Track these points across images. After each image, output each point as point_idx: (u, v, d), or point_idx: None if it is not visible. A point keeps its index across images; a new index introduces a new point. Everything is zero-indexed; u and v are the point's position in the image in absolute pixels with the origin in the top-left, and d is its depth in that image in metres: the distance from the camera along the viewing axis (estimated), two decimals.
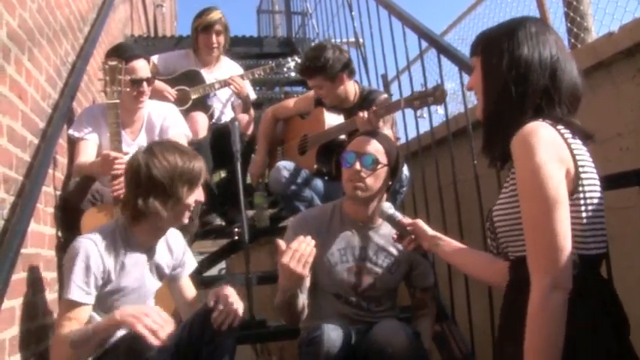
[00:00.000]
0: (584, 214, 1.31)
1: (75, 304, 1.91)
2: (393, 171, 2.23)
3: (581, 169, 1.31)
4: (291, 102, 3.33)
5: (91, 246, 1.97)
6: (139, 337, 1.73)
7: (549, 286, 1.22)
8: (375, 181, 2.18)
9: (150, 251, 2.14)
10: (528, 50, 1.37)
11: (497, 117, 1.39)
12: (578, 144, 1.34)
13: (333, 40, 4.55)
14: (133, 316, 1.77)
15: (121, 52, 2.83)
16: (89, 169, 2.65)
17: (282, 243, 1.93)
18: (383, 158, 2.19)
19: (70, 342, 1.85)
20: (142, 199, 1.98)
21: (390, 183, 2.25)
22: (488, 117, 1.43)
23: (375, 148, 2.19)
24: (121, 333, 1.91)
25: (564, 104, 1.37)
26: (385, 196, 2.26)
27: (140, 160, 2.00)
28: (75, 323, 1.89)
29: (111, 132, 2.56)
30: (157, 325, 1.76)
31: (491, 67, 1.42)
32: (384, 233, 2.25)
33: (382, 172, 2.19)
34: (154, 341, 1.73)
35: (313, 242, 1.90)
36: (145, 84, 2.83)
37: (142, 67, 2.85)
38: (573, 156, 1.31)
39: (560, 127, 1.33)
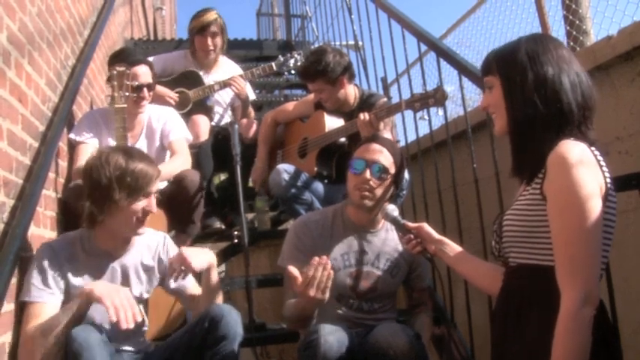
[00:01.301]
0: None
1: (32, 305, 1.88)
2: (397, 178, 2.25)
3: (610, 191, 1.34)
4: (290, 105, 3.33)
5: (46, 250, 1.98)
6: None
7: (582, 301, 1.25)
8: (382, 190, 2.18)
9: (116, 256, 2.07)
10: (554, 70, 1.39)
11: (529, 136, 1.40)
12: (604, 164, 1.36)
13: (332, 43, 4.56)
14: (103, 292, 1.78)
15: (124, 57, 2.84)
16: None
17: (294, 271, 1.90)
18: (392, 168, 2.20)
19: (41, 330, 1.81)
20: (85, 203, 1.98)
21: (393, 189, 2.26)
22: (517, 136, 1.44)
23: (385, 157, 2.19)
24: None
25: (590, 118, 1.40)
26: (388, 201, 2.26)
27: (89, 162, 1.98)
28: (39, 321, 1.85)
29: (117, 136, 2.58)
30: (125, 306, 1.75)
31: (515, 86, 1.43)
32: (384, 237, 2.26)
33: (389, 181, 2.20)
34: (114, 317, 1.72)
35: (330, 264, 1.87)
36: (145, 90, 2.84)
37: (143, 73, 2.85)
38: (604, 177, 1.33)
39: (592, 148, 1.35)
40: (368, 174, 2.16)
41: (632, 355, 2.16)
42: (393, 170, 2.20)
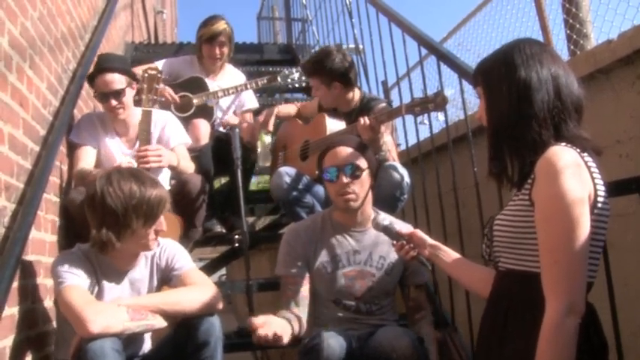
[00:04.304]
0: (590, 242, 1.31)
1: (71, 287, 1.90)
2: (372, 169, 2.27)
3: (599, 198, 1.32)
4: (296, 104, 3.37)
5: (75, 253, 2.01)
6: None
7: (566, 310, 1.24)
8: (362, 187, 2.22)
9: (126, 275, 2.08)
10: (525, 72, 1.38)
11: (509, 142, 1.40)
12: (597, 171, 1.35)
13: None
14: None
15: (95, 65, 2.82)
16: (95, 178, 2.64)
17: (255, 322, 1.91)
18: (363, 162, 2.23)
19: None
20: (97, 229, 1.95)
21: (372, 181, 2.28)
22: (496, 143, 1.44)
23: (353, 155, 2.23)
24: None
25: (573, 118, 1.39)
26: (370, 194, 2.27)
27: (97, 187, 1.95)
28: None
29: (140, 139, 2.61)
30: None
31: (493, 95, 1.44)
32: (376, 235, 2.25)
33: (366, 175, 2.23)
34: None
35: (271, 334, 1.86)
36: (112, 98, 2.75)
37: (109, 81, 2.74)
38: (594, 184, 1.32)
39: (584, 154, 1.34)
40: (344, 178, 2.19)
41: (632, 359, 2.16)
42: (365, 164, 2.23)
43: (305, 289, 2.22)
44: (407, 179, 2.73)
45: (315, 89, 3.04)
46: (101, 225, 1.94)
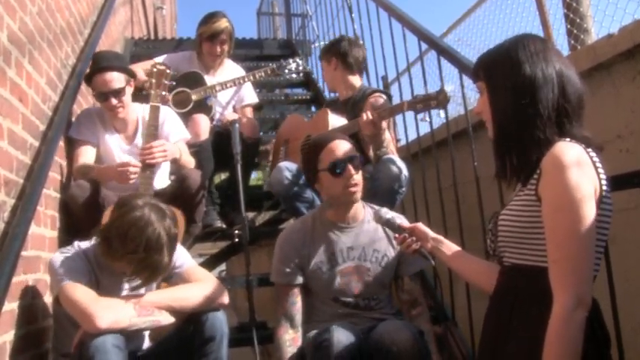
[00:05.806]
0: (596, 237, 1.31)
1: (74, 285, 1.90)
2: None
3: (604, 193, 1.33)
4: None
5: (74, 252, 2.01)
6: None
7: (574, 304, 1.24)
8: (361, 177, 2.24)
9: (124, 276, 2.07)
10: (530, 68, 1.38)
11: (513, 139, 1.39)
12: (600, 166, 1.34)
13: None
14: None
15: (93, 64, 2.81)
16: (98, 174, 2.64)
17: None
18: (357, 153, 2.27)
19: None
20: (99, 228, 1.98)
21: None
22: (501, 140, 1.43)
23: (351, 147, 2.25)
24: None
25: (576, 115, 1.39)
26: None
27: (135, 220, 1.86)
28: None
29: (147, 134, 2.63)
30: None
31: (496, 90, 1.43)
32: (367, 228, 2.26)
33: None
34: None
35: None
36: (112, 98, 2.72)
37: (108, 80, 2.72)
38: (599, 179, 1.32)
39: (588, 149, 1.34)
40: (352, 170, 2.19)
41: (632, 355, 2.15)
42: (359, 154, 2.28)
43: (299, 301, 2.23)
44: (405, 172, 2.73)
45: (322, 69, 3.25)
46: (107, 231, 1.91)
